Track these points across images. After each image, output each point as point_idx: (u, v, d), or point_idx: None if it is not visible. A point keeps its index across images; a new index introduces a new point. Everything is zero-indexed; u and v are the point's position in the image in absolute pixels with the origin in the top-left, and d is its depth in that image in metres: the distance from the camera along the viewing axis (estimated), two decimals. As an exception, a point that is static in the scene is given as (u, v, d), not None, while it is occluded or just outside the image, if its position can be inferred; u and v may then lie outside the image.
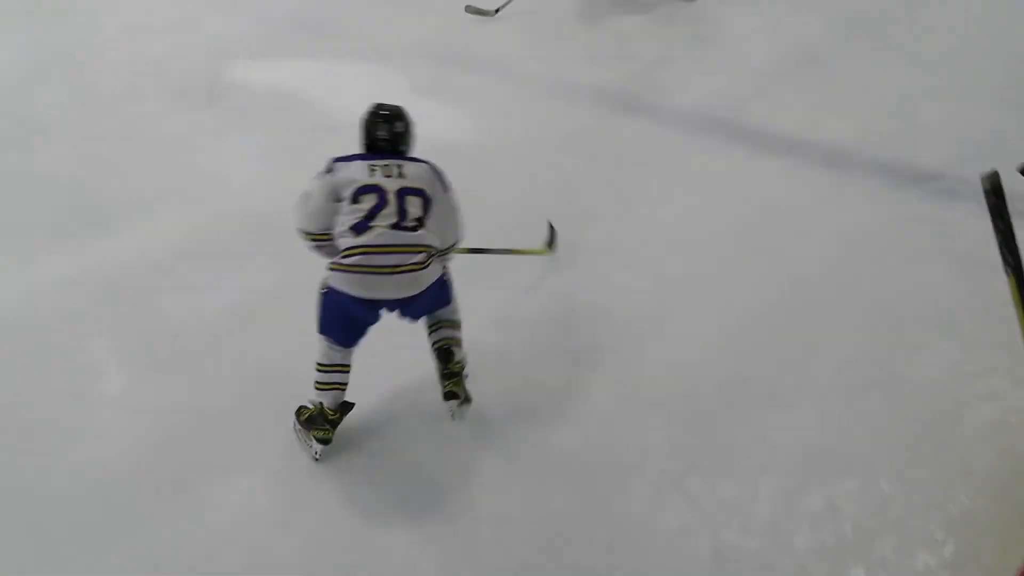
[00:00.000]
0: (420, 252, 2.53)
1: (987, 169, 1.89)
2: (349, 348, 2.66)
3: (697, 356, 3.07)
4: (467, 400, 2.72)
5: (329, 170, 2.64)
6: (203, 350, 3.17)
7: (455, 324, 2.77)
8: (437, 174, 2.72)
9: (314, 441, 2.64)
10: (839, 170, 4.16)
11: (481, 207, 2.99)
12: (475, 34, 5.94)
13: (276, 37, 6.07)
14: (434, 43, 5.79)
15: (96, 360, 3.22)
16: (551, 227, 3.60)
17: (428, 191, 2.63)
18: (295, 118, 4.91)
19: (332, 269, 2.55)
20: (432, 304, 2.69)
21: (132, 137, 4.79)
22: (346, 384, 2.67)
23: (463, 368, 2.72)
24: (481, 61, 5.59)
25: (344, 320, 2.61)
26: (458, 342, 2.76)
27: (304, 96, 5.16)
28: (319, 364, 2.66)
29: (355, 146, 2.76)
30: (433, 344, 2.75)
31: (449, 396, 2.69)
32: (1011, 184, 1.94)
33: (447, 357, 2.70)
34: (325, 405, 2.63)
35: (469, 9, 6.00)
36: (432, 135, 3.06)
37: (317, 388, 2.66)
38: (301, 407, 2.71)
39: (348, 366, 2.67)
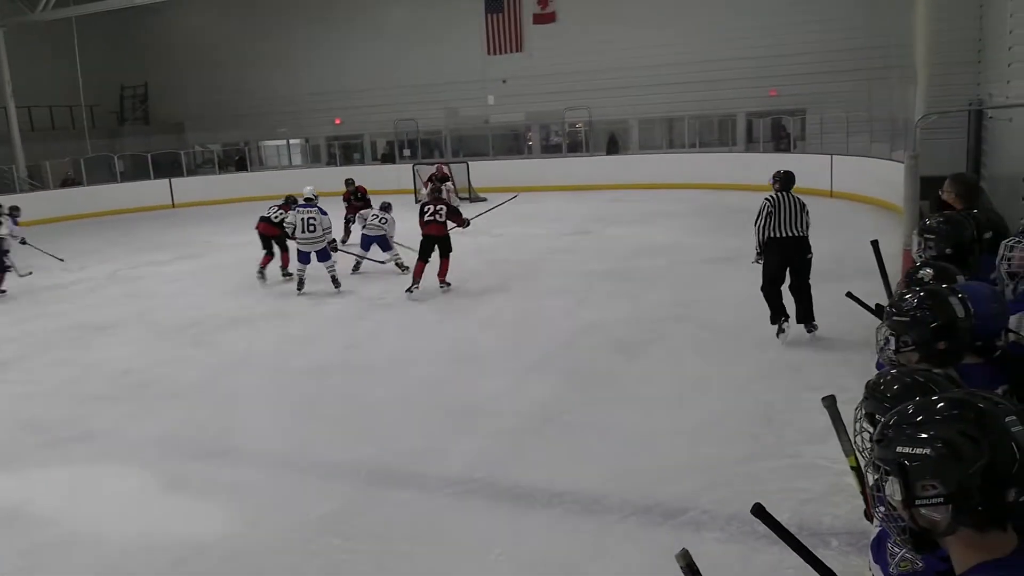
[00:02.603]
0: None
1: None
2: None
3: None
4: None
5: None
6: None
7: None
8: None
9: None
10: (598, 516, 4.34)
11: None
12: (226, 420, 5.89)
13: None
14: (178, 435, 5.62)
15: None
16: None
17: None
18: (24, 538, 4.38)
19: None
20: None
21: None
22: None
23: None
24: (230, 450, 5.49)
25: None
26: None
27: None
28: None
29: None
30: None
31: None
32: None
33: None
34: None
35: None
36: (185, 535, 2.84)
37: None
38: None
39: None
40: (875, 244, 4.21)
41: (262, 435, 5.79)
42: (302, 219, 9.97)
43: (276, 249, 11.20)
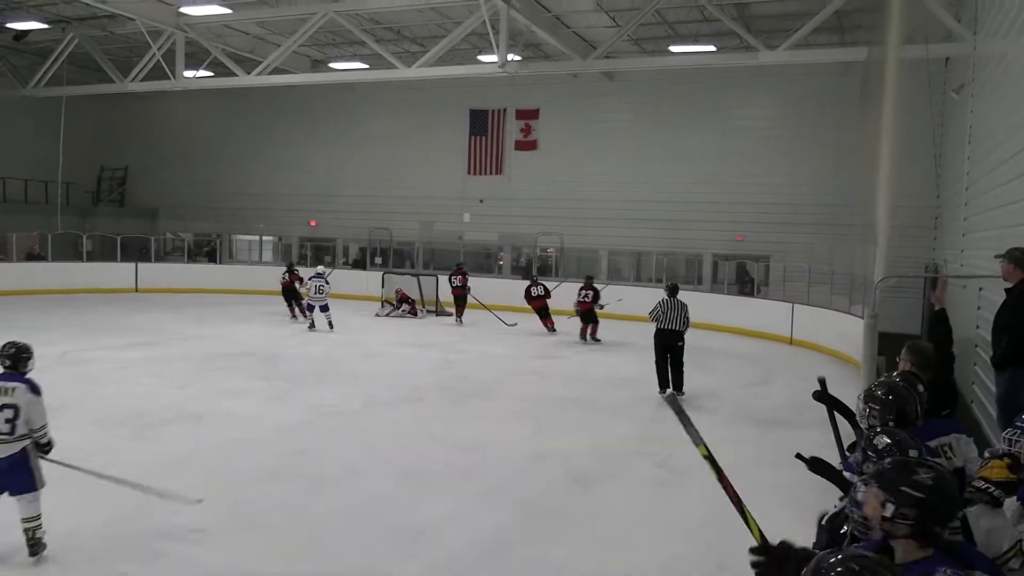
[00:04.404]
0: None
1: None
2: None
3: None
4: None
5: None
6: None
7: None
8: None
9: None
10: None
11: None
12: (158, 523, 5.60)
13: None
14: (101, 535, 5.32)
15: None
16: None
17: None
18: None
19: None
20: None
21: None
22: None
23: None
24: (161, 554, 5.20)
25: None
26: None
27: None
28: None
29: None
30: None
31: None
32: None
33: None
34: None
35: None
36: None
37: None
38: None
39: None
40: (822, 383, 4.38)
41: (196, 540, 5.51)
42: (315, 284, 16.06)
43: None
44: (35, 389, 5.17)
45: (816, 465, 3.52)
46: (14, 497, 5.06)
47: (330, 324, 15.97)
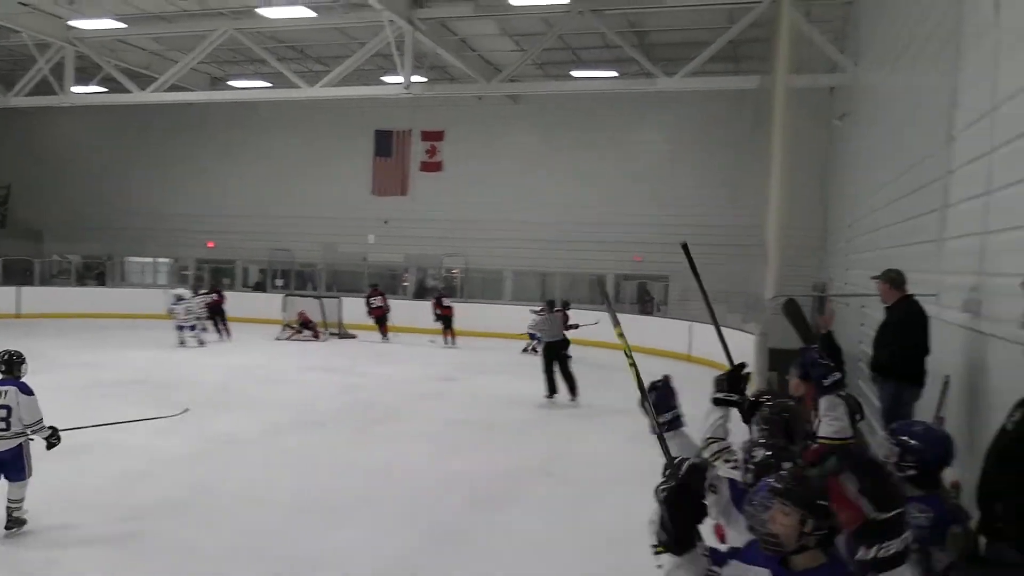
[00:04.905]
0: None
1: None
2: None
3: None
4: None
5: None
6: None
7: None
8: None
9: None
10: None
11: None
12: (40, 563, 5.27)
13: None
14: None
15: None
16: None
17: None
18: None
19: None
20: None
21: None
22: None
23: None
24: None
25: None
26: None
27: None
28: None
29: None
30: None
31: None
32: None
33: None
34: None
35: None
36: None
37: None
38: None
39: None
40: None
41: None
42: (182, 307, 17.08)
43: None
44: (27, 390, 5.95)
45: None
46: (6, 481, 5.88)
47: (200, 342, 17.08)
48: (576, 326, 15.08)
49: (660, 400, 3.22)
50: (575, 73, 19.65)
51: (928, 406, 5.05)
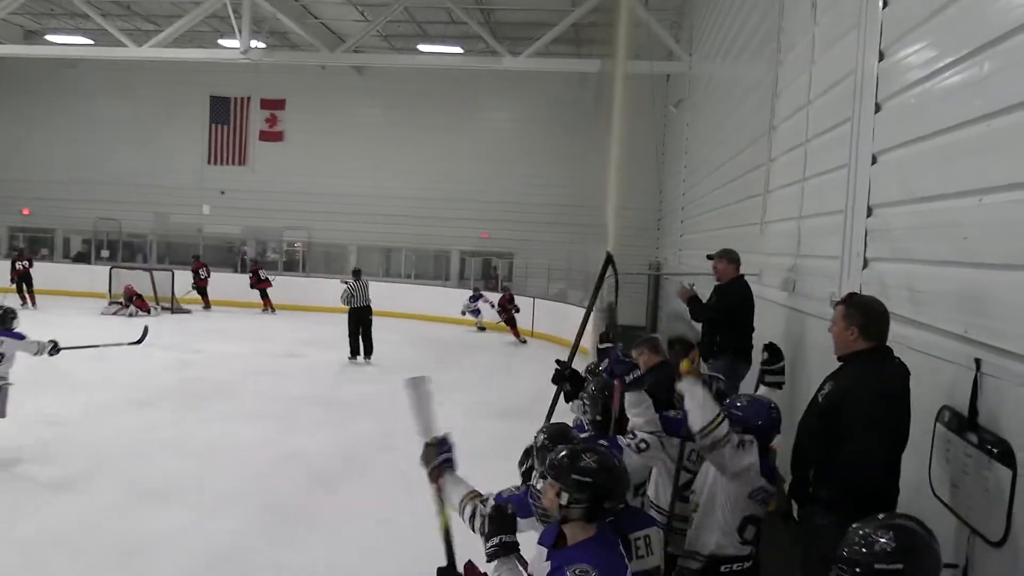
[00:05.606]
0: None
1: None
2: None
3: None
4: None
5: None
6: None
7: None
8: None
9: None
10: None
11: None
12: None
13: None
14: None
15: None
16: None
17: None
18: None
19: None
20: None
21: None
22: None
23: None
24: None
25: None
26: None
27: None
28: None
29: None
30: None
31: None
32: None
33: None
34: None
35: None
36: None
37: None
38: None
39: None
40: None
41: None
42: None
43: None
44: (19, 336, 7.01)
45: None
46: None
47: None
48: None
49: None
50: (421, 47, 19.46)
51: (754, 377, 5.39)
